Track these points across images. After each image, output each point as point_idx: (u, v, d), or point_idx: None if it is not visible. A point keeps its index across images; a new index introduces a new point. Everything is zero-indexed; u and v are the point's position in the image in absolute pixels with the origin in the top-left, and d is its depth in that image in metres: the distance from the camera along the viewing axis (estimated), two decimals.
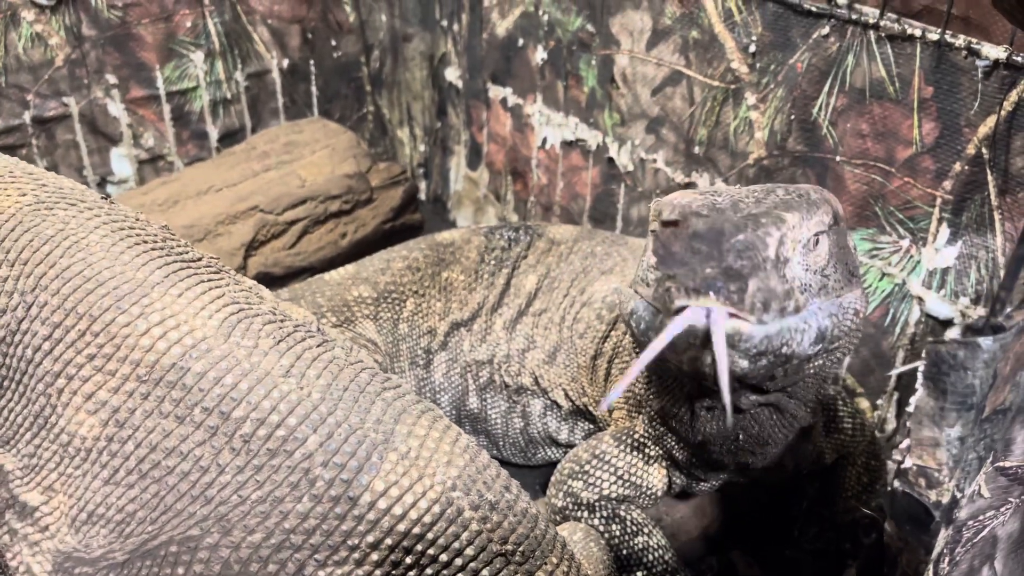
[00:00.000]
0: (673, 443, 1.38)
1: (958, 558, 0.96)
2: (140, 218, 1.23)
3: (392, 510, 1.00)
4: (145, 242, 1.17)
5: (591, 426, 1.69)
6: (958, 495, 0.81)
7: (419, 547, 1.00)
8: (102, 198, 1.24)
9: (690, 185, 2.05)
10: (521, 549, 1.05)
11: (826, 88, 1.67)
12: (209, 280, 1.16)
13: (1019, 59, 1.39)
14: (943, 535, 0.85)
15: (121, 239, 1.15)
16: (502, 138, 2.59)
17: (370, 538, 0.99)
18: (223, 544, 0.99)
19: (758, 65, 1.78)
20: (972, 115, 1.47)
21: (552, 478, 1.51)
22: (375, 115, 2.95)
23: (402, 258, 1.84)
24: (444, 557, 1.01)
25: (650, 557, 1.43)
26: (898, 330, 1.69)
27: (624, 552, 1.42)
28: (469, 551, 1.02)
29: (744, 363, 0.98)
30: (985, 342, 0.70)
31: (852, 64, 1.61)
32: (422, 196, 2.99)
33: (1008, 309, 0.72)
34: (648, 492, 1.44)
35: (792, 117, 1.75)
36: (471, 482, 1.06)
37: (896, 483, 0.80)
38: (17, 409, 1.08)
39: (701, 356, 0.97)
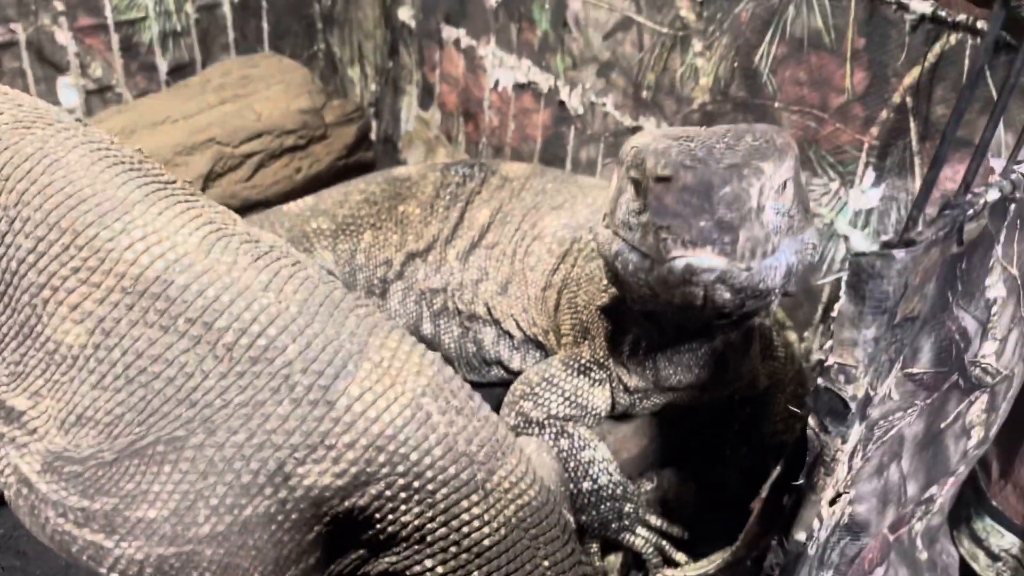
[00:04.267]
0: (619, 366, 1.50)
1: (870, 454, 1.09)
2: (115, 141, 1.27)
3: (367, 413, 1.09)
4: (122, 163, 1.21)
5: (541, 354, 1.79)
6: (871, 393, 0.93)
7: (391, 447, 1.09)
8: (76, 120, 1.27)
9: (637, 129, 2.15)
10: (484, 450, 1.15)
11: (768, 37, 1.77)
12: (186, 201, 1.21)
13: (943, 14, 1.50)
14: (857, 430, 0.98)
15: (100, 159, 1.19)
16: (455, 79, 2.64)
17: (346, 438, 1.08)
18: (208, 444, 1.07)
19: (705, 13, 1.87)
20: (899, 66, 1.59)
21: (505, 399, 1.61)
22: (326, 53, 2.96)
23: (360, 191, 1.90)
24: (414, 456, 1.10)
25: (596, 469, 1.55)
26: (825, 267, 1.83)
27: (572, 464, 1.53)
28: (437, 451, 1.11)
29: (727, 295, 1.10)
30: (899, 254, 0.81)
31: (793, 14, 1.71)
32: (372, 136, 3.02)
33: (919, 228, 0.83)
34: (593, 412, 1.55)
35: (736, 64, 1.85)
36: (439, 390, 1.15)
37: (819, 380, 0.92)
38: (1, 319, 1.13)
39: (694, 292, 1.09)
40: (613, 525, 1.58)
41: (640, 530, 1.60)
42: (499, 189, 1.89)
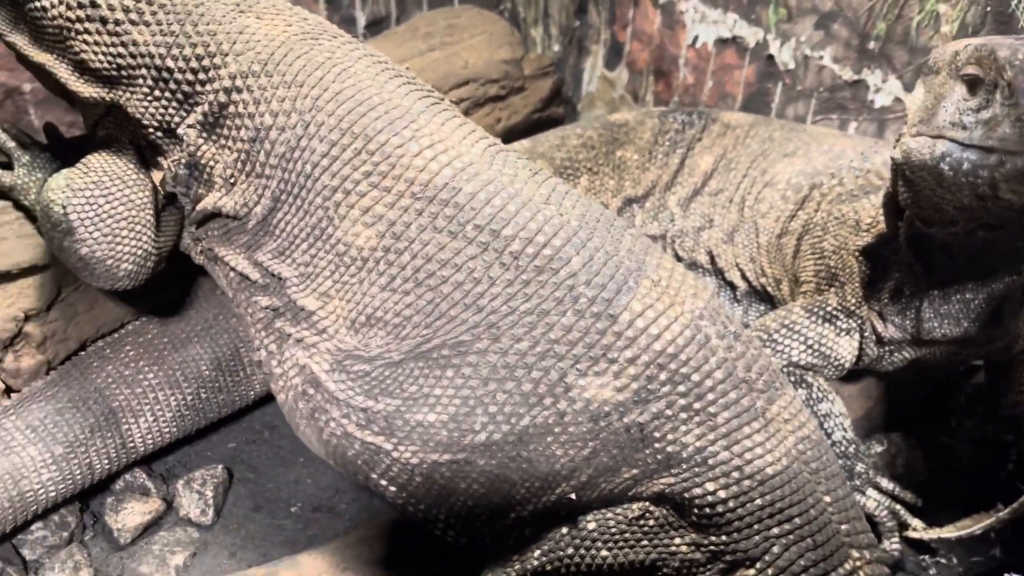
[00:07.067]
0: (874, 314, 1.42)
1: None
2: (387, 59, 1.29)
3: (648, 330, 1.06)
4: (401, 75, 1.23)
5: (765, 307, 1.73)
6: None
7: (673, 365, 1.06)
8: (353, 37, 1.30)
9: (858, 83, 2.05)
10: (763, 379, 1.10)
11: None
12: (459, 116, 1.21)
13: None
14: None
15: (383, 71, 1.21)
16: (648, 36, 2.59)
17: (628, 353, 1.06)
18: (491, 350, 1.07)
19: None
20: None
21: None
22: (511, 12, 2.95)
23: (577, 136, 1.88)
24: (696, 377, 1.07)
25: (831, 423, 1.48)
26: None
27: None
28: (718, 374, 1.08)
29: None
30: None
31: None
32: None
33: None
34: (836, 363, 1.48)
35: (987, 10, 1.73)
36: (715, 314, 1.12)
37: None
38: (294, 221, 1.16)
39: None
40: None
41: (871, 492, 1.52)
42: (721, 136, 1.83)
